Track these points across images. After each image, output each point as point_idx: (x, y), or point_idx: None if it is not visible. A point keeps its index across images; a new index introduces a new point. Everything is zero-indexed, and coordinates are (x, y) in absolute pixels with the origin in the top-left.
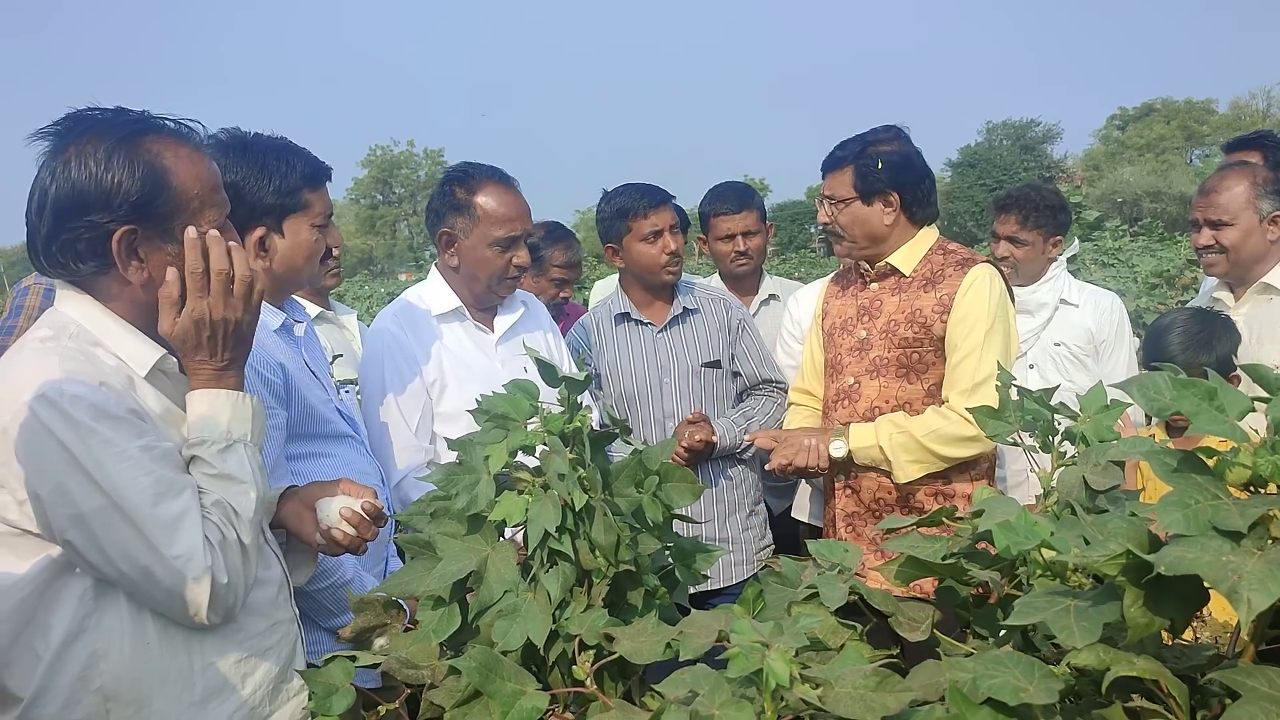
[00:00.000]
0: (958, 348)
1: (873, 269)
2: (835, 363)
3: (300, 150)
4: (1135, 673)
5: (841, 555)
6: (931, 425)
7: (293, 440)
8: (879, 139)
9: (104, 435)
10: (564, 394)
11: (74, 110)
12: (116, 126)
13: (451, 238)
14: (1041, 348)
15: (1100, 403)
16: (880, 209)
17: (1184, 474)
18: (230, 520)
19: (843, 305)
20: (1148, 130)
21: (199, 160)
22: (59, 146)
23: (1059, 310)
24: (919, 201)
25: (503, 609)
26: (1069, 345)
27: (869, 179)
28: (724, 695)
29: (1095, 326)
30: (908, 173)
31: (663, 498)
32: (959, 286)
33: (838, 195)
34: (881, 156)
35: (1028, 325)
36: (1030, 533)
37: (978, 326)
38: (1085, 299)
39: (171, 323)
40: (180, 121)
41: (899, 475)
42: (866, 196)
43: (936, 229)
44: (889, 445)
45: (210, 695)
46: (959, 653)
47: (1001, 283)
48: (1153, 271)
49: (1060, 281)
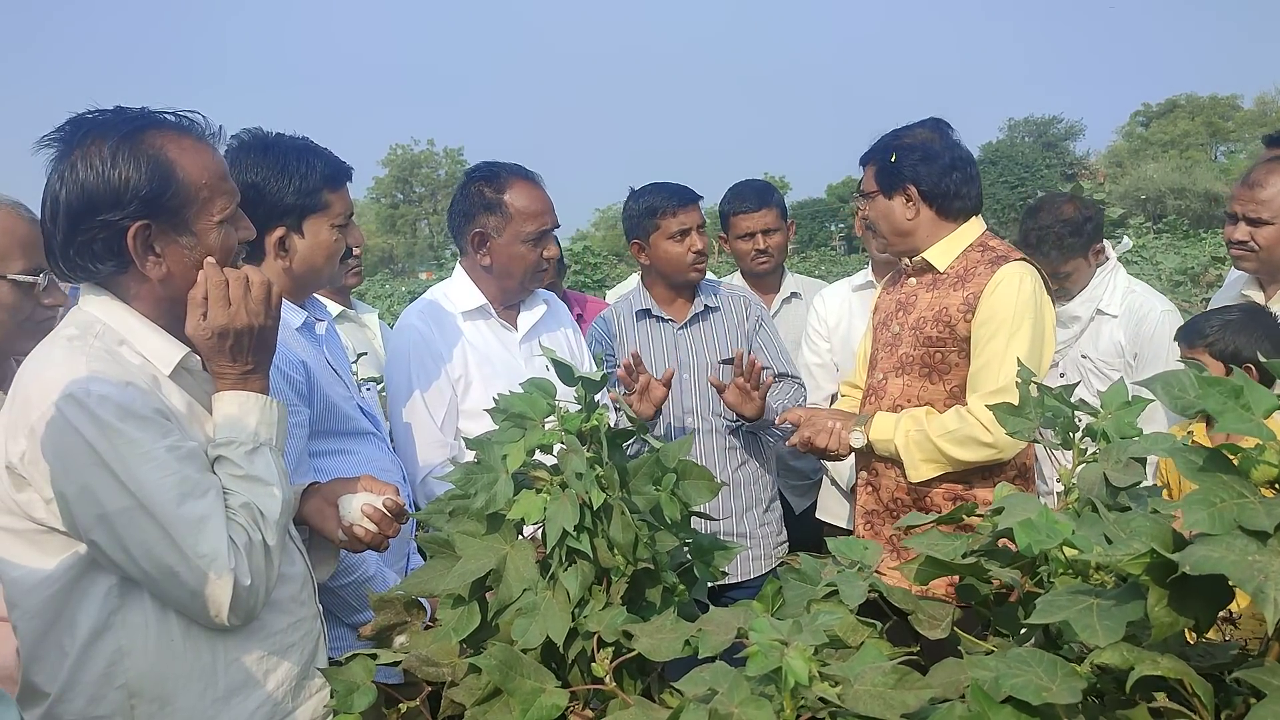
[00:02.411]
0: (981, 350)
1: (910, 264)
2: (873, 357)
3: (321, 150)
4: (1159, 672)
5: (861, 553)
6: (948, 426)
7: (315, 437)
8: (910, 132)
9: (130, 435)
10: (581, 392)
11: (75, 114)
12: (118, 125)
13: (484, 237)
14: (1071, 359)
15: (1121, 399)
16: (901, 202)
17: (1209, 472)
18: (257, 522)
19: (889, 300)
20: (1172, 126)
21: (203, 150)
22: (64, 151)
23: (1094, 322)
24: (943, 194)
25: (522, 607)
26: (1094, 359)
27: (887, 173)
28: (743, 693)
29: (1126, 341)
30: (926, 164)
31: (680, 495)
32: (986, 285)
33: (866, 190)
34: (896, 149)
35: (1061, 337)
36: (1051, 531)
37: (1002, 328)
38: (1126, 310)
39: (196, 325)
40: (180, 114)
41: (911, 473)
42: (887, 191)
43: (981, 224)
44: (903, 442)
45: (234, 691)
46: (980, 651)
47: (1035, 282)
48: (1177, 269)
49: (1100, 290)
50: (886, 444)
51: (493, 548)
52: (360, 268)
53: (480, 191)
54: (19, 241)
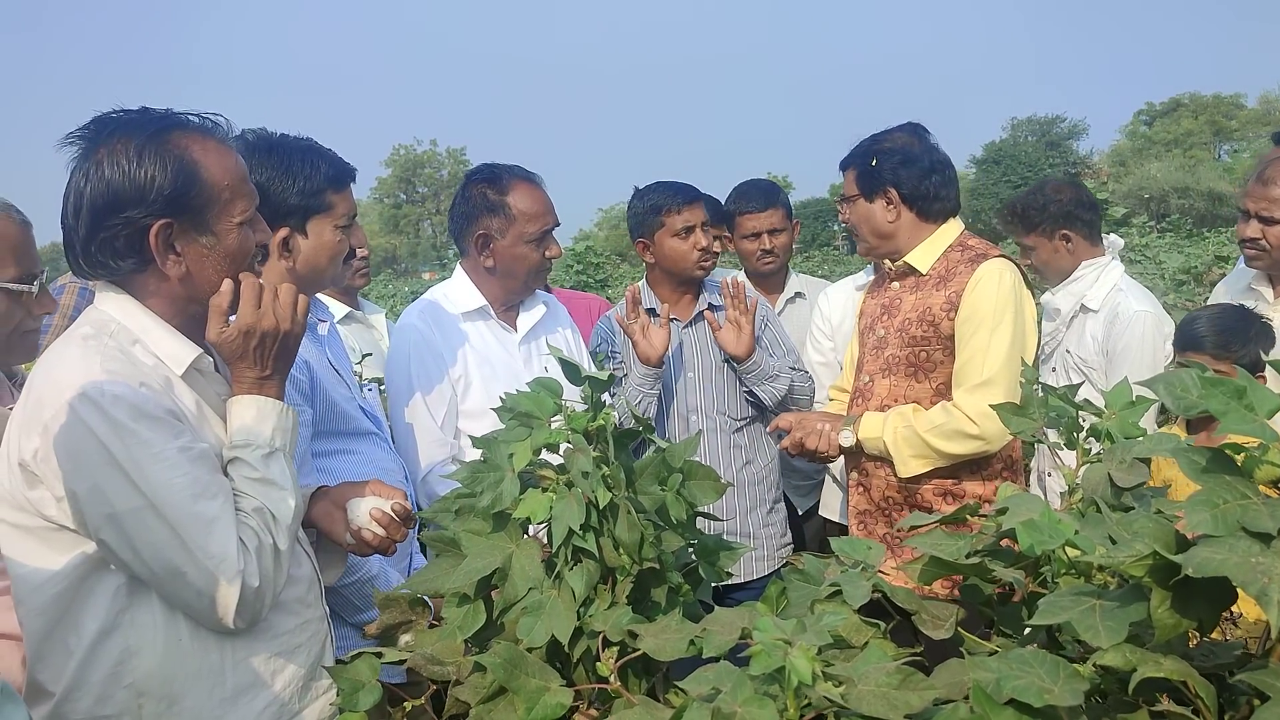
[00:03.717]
0: (965, 345)
1: (892, 267)
2: (860, 361)
3: (325, 151)
4: (1162, 674)
5: (865, 553)
6: (935, 420)
7: (318, 437)
8: (889, 136)
9: (142, 436)
10: (587, 392)
11: (100, 114)
12: (144, 125)
13: (487, 239)
14: (1060, 354)
15: (1126, 399)
16: (882, 205)
17: (1213, 473)
18: (269, 526)
19: (873, 304)
20: (1175, 125)
21: (226, 153)
22: (89, 149)
23: (1077, 317)
24: (923, 196)
25: (527, 606)
26: (1075, 355)
27: (868, 176)
28: (747, 692)
29: (1103, 338)
30: (906, 168)
31: (686, 495)
32: (967, 283)
33: (847, 194)
34: (877, 153)
35: (1046, 329)
36: (1054, 531)
37: (984, 324)
38: (1106, 307)
39: (219, 331)
40: (204, 116)
41: (900, 469)
42: (868, 194)
43: (960, 224)
44: (892, 438)
45: (241, 692)
46: (983, 651)
47: (1015, 277)
48: (1180, 268)
49: (1083, 285)
50: (875, 442)
51: (498, 546)
52: (368, 269)
53: (482, 194)
54: (11, 247)
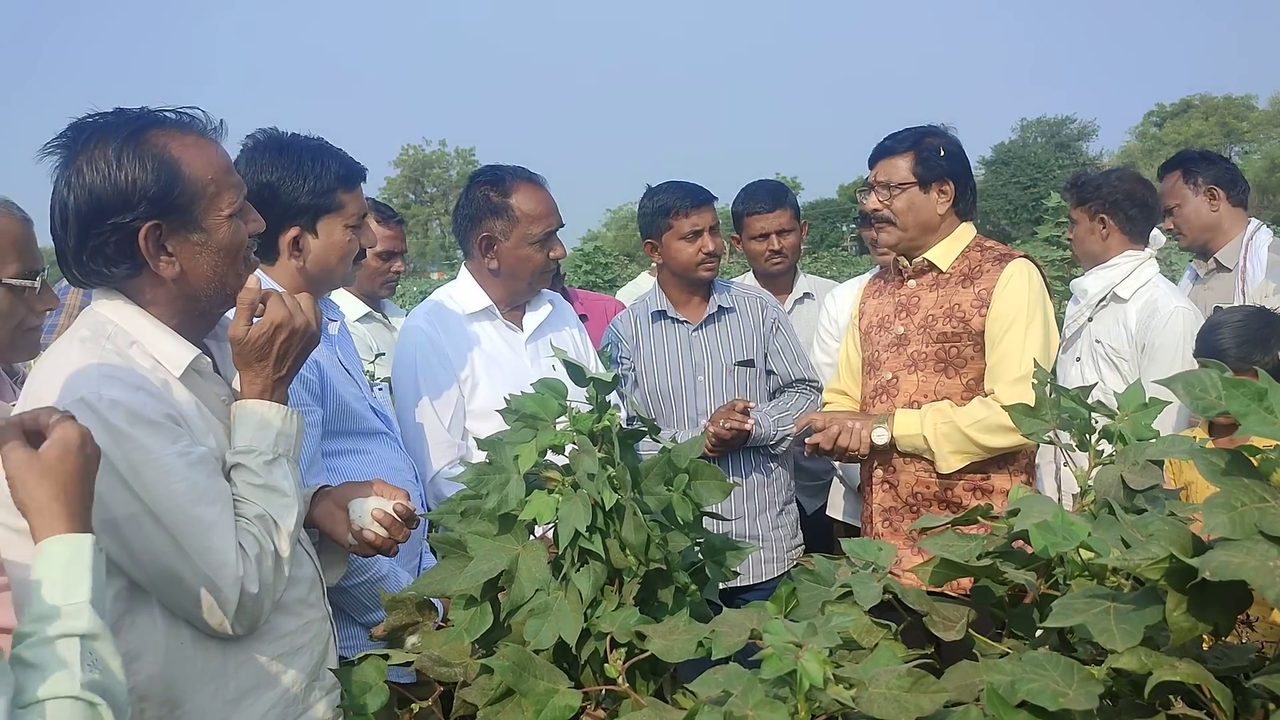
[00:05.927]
0: (999, 342)
1: (910, 265)
2: (873, 360)
3: (335, 151)
4: (1178, 677)
5: (875, 554)
6: (977, 415)
7: (329, 437)
8: (934, 131)
9: (140, 441)
10: (592, 393)
11: (75, 120)
12: (119, 126)
13: (492, 240)
14: (1088, 343)
15: (1138, 400)
16: (936, 197)
17: (1231, 475)
18: (270, 533)
19: (879, 304)
20: (1186, 127)
21: (206, 146)
22: (68, 157)
23: (1106, 307)
24: (968, 194)
25: (534, 608)
26: (1105, 345)
27: (930, 165)
28: (757, 696)
29: (1136, 329)
30: (963, 164)
31: (693, 496)
32: (997, 281)
33: (894, 180)
34: (943, 144)
35: (1072, 311)
36: (1068, 533)
37: (1018, 320)
38: (1142, 299)
39: (245, 326)
40: (180, 111)
41: (941, 465)
42: (925, 183)
43: (973, 226)
44: (933, 435)
45: (244, 693)
46: (995, 653)
47: (1039, 277)
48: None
49: (1117, 273)
50: (914, 439)
51: (505, 548)
52: (396, 280)
53: (485, 196)
54: (12, 243)
